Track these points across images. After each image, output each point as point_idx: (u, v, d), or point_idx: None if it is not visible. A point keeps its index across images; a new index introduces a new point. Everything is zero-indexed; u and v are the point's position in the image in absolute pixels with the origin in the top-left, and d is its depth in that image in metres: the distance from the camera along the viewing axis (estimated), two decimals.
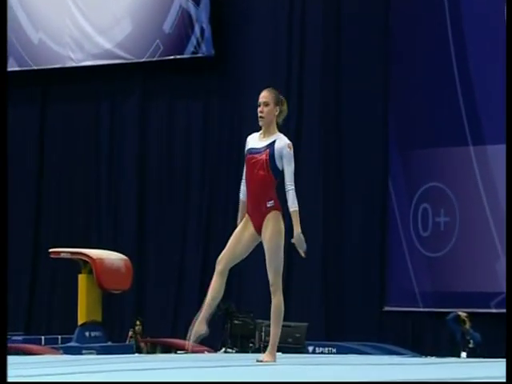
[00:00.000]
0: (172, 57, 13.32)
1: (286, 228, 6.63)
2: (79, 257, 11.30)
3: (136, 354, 10.87)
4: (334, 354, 11.11)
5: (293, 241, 6.62)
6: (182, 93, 13.49)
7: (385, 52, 12.28)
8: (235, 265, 14.34)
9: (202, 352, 10.31)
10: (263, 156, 6.48)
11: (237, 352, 10.95)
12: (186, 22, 13.22)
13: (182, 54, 13.24)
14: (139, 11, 13.56)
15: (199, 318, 6.52)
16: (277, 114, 6.64)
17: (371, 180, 12.33)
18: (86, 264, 11.19)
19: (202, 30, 13.11)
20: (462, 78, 11.74)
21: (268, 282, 6.87)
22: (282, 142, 6.57)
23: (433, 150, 11.99)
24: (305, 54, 12.78)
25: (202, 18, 13.12)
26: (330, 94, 12.63)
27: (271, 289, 6.69)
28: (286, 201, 6.69)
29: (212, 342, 11.45)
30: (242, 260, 14.16)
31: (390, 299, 12.12)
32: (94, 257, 11.16)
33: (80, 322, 11.04)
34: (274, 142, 6.55)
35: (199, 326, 6.50)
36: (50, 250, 11.69)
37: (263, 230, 6.57)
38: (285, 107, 6.73)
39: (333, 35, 12.62)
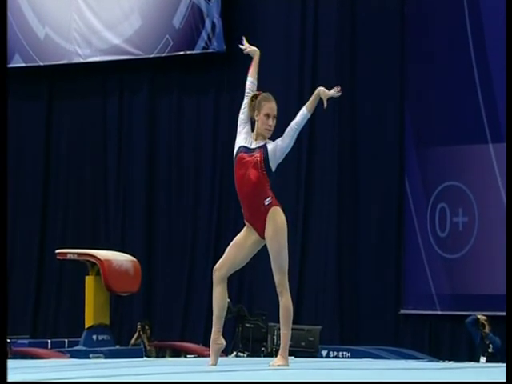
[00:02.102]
0: (182, 52, 13.33)
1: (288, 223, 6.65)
2: (86, 258, 11.32)
3: (145, 358, 10.89)
4: (348, 358, 11.10)
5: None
6: (191, 89, 13.51)
7: (401, 48, 12.27)
8: (247, 268, 14.34)
9: (208, 356, 10.32)
10: (257, 156, 6.56)
11: (248, 356, 10.97)
12: (196, 17, 13.23)
13: (193, 49, 13.25)
14: (148, 6, 13.58)
15: (214, 335, 6.51)
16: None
17: (387, 179, 12.32)
18: (93, 265, 11.21)
19: (213, 25, 13.12)
20: (481, 74, 11.72)
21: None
22: (271, 143, 6.78)
23: (450, 148, 11.97)
24: (318, 50, 12.78)
25: (213, 12, 13.13)
26: (344, 91, 12.57)
27: (278, 290, 6.71)
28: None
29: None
30: (254, 262, 14.14)
31: (407, 302, 12.11)
32: (102, 258, 11.18)
33: (87, 325, 11.06)
34: (265, 143, 6.69)
35: (217, 343, 6.50)
36: (57, 251, 11.72)
37: (266, 228, 6.54)
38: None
39: (347, 30, 12.61)
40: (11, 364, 7.73)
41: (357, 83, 12.54)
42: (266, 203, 6.55)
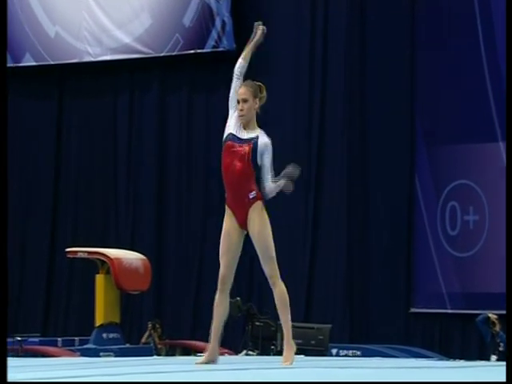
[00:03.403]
0: (192, 51, 13.33)
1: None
2: (97, 256, 11.33)
3: (155, 357, 10.90)
4: (358, 356, 11.09)
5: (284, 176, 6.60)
6: (201, 87, 13.51)
7: (411, 46, 12.24)
8: (256, 267, 14.31)
9: (223, 354, 10.33)
10: (246, 148, 6.56)
11: (258, 354, 10.96)
12: (206, 16, 13.22)
13: (203, 48, 13.24)
14: (159, 4, 13.58)
15: (211, 348, 6.50)
16: (257, 107, 6.73)
17: (397, 177, 12.29)
18: (103, 264, 11.23)
19: (223, 24, 13.11)
20: (492, 73, 11.69)
21: (289, 283, 6.87)
22: (265, 139, 6.69)
23: (461, 147, 11.95)
24: (328, 47, 12.76)
25: (222, 11, 13.12)
26: (354, 89, 12.61)
27: (270, 281, 6.74)
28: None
29: (233, 344, 11.47)
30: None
31: (417, 300, 12.08)
32: (112, 256, 11.19)
33: (97, 323, 11.08)
34: (257, 137, 6.64)
35: (212, 355, 6.49)
36: (67, 250, 11.74)
37: (249, 223, 6.64)
38: (263, 94, 6.80)
39: (357, 28, 12.59)
40: (22, 362, 7.75)
41: (367, 82, 12.52)
42: (251, 196, 6.61)
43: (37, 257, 14.08)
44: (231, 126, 6.73)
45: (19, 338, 11.20)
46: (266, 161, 6.63)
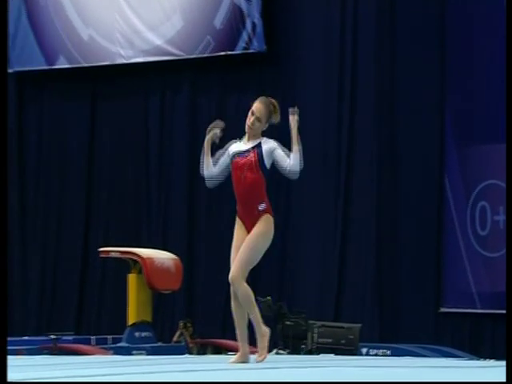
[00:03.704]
0: (223, 53, 13.36)
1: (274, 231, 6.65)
2: (129, 256, 11.39)
3: (186, 355, 10.94)
4: (388, 356, 11.06)
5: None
6: (232, 88, 13.53)
7: (442, 44, 12.19)
8: (287, 266, 14.30)
9: (254, 353, 10.34)
10: (251, 157, 6.57)
11: (289, 353, 10.97)
12: (237, 18, 13.25)
13: (233, 49, 13.27)
14: (190, 7, 13.62)
15: (242, 350, 6.53)
16: (264, 129, 6.88)
17: (427, 177, 12.25)
18: (135, 264, 11.29)
19: (254, 26, 13.13)
20: None
21: (320, 283, 6.86)
22: (270, 143, 6.80)
23: (491, 146, 11.88)
24: (358, 48, 12.74)
25: (253, 13, 13.14)
26: (384, 89, 12.58)
27: (230, 279, 6.64)
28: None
29: None
30: (295, 260, 14.14)
31: (447, 300, 12.04)
32: (144, 256, 11.25)
33: (130, 322, 11.14)
34: (259, 143, 6.73)
35: (244, 356, 6.52)
36: (100, 250, 11.81)
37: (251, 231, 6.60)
38: (273, 119, 6.88)
39: (387, 28, 12.56)
40: (56, 360, 7.81)
41: (396, 82, 12.48)
42: (260, 208, 6.61)
43: (70, 257, 14.17)
44: (232, 149, 6.68)
45: (53, 337, 11.28)
46: (279, 152, 6.59)
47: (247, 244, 6.64)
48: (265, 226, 6.61)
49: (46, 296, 14.32)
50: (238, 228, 6.66)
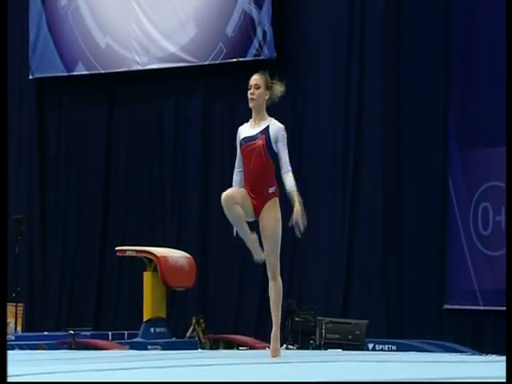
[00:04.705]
0: (235, 59, 13.36)
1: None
2: (144, 255, 11.41)
3: (199, 350, 10.94)
4: (394, 351, 11.04)
5: (293, 218, 6.49)
6: (243, 94, 13.49)
7: (446, 47, 12.15)
8: (296, 264, 14.23)
9: (264, 348, 10.34)
10: (259, 142, 6.47)
11: (298, 349, 10.96)
12: (248, 26, 13.25)
13: (245, 56, 13.27)
14: (203, 15, 13.63)
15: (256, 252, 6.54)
16: (267, 97, 6.65)
17: (431, 178, 12.23)
18: (150, 262, 11.30)
19: (264, 33, 13.13)
20: None
21: (327, 280, 6.83)
22: (276, 125, 6.56)
23: (494, 149, 11.84)
24: (365, 56, 12.73)
25: (264, 21, 13.14)
26: (390, 93, 12.56)
27: (270, 274, 6.63)
28: (284, 202, 6.68)
29: None
30: (303, 258, 14.08)
31: (451, 297, 12.01)
32: (159, 255, 11.26)
33: (145, 318, 11.15)
34: (267, 126, 6.52)
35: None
36: (116, 249, 11.82)
37: (263, 217, 6.57)
38: (274, 91, 6.66)
39: (393, 35, 12.54)
40: (75, 355, 7.82)
41: (402, 85, 12.46)
42: (271, 191, 6.54)
43: (89, 255, 14.20)
44: (241, 133, 6.56)
45: (72, 332, 11.29)
46: (281, 149, 6.42)
47: (272, 240, 6.64)
48: (274, 213, 6.57)
49: (65, 293, 14.34)
50: (244, 191, 6.53)
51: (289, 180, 6.47)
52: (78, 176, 14.47)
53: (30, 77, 14.61)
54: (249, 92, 6.49)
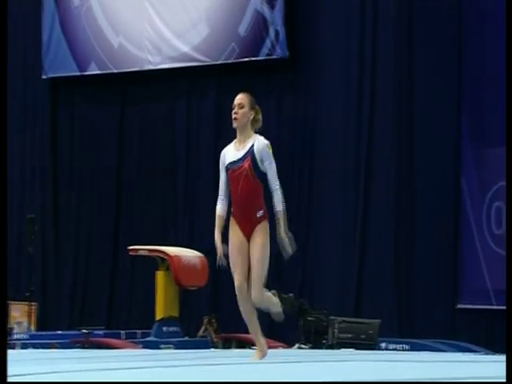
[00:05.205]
0: (247, 59, 13.33)
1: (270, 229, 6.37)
2: (157, 254, 11.39)
3: (211, 349, 10.91)
4: (407, 350, 10.99)
5: (278, 239, 6.35)
6: (255, 93, 13.46)
7: (458, 48, 12.09)
8: (309, 264, 14.20)
9: (277, 348, 10.31)
10: (245, 165, 6.23)
11: (310, 348, 10.93)
12: (260, 25, 13.22)
13: (257, 56, 13.25)
14: (215, 15, 13.61)
15: (261, 345, 6.42)
16: (251, 118, 6.39)
17: (444, 178, 12.17)
18: (163, 261, 11.28)
19: (277, 33, 13.10)
20: None
21: (340, 280, 6.75)
22: (260, 142, 6.34)
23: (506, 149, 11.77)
24: (377, 55, 12.68)
25: (276, 21, 13.11)
26: (402, 92, 12.51)
27: (253, 293, 6.45)
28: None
29: (286, 338, 11.45)
30: (316, 259, 14.05)
31: (464, 297, 11.94)
32: (172, 254, 11.24)
33: (158, 317, 11.13)
34: (252, 146, 6.32)
35: (265, 350, 6.42)
36: (129, 248, 11.81)
37: (252, 241, 6.39)
38: (259, 116, 6.41)
39: (405, 34, 12.49)
40: (87, 354, 7.80)
41: (414, 84, 12.41)
42: (259, 215, 6.34)
43: (101, 255, 14.20)
44: (226, 157, 6.35)
45: (85, 331, 11.29)
46: (268, 168, 6.23)
47: (256, 259, 6.44)
48: (264, 235, 6.37)
49: (78, 292, 14.35)
50: (233, 230, 6.43)
51: (276, 199, 6.31)
52: (90, 175, 14.48)
53: (44, 76, 14.62)
54: (233, 112, 6.30)
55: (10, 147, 14.91)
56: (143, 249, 11.58)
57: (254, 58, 13.24)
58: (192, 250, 11.68)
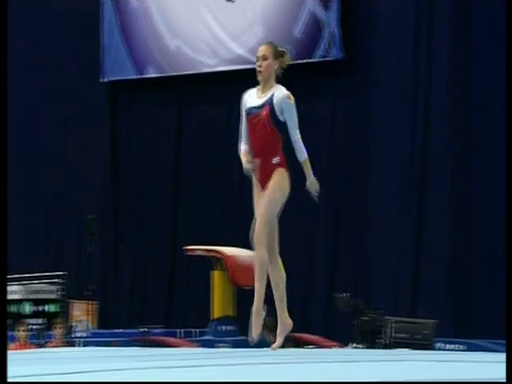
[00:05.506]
0: (302, 61, 13.34)
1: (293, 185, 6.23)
2: (213, 254, 11.46)
3: (267, 348, 10.93)
4: (463, 351, 10.90)
5: (307, 187, 6.27)
6: (310, 95, 13.50)
7: None
8: (364, 264, 14.14)
9: (331, 347, 10.32)
10: (263, 113, 6.09)
11: (366, 347, 10.90)
12: (315, 27, 13.23)
13: (312, 57, 13.25)
14: (271, 17, 13.64)
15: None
16: (276, 68, 6.25)
17: (498, 177, 12.05)
18: (219, 261, 11.34)
19: (331, 34, 13.09)
20: None
21: (395, 279, 6.74)
22: (281, 93, 6.17)
23: None
24: (433, 56, 12.60)
25: (331, 22, 13.10)
26: (457, 96, 12.42)
27: (253, 241, 6.26)
28: (294, 156, 6.37)
29: (341, 338, 11.44)
30: (371, 258, 13.97)
31: None
32: (228, 254, 11.31)
33: (214, 316, 11.21)
34: (272, 95, 6.18)
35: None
36: (186, 248, 11.91)
37: (267, 186, 6.16)
38: (286, 58, 6.25)
39: (461, 34, 12.39)
40: (146, 352, 7.88)
41: (469, 87, 12.31)
42: (274, 162, 6.15)
43: (159, 255, 14.33)
44: (246, 102, 6.25)
45: (144, 329, 11.42)
46: (288, 118, 6.04)
47: (265, 199, 6.26)
48: (279, 179, 6.18)
49: (136, 291, 14.50)
50: (255, 188, 6.39)
51: (298, 149, 6.12)
52: (148, 177, 14.62)
53: (103, 80, 14.80)
54: (256, 64, 6.22)
55: (69, 149, 15.14)
56: (200, 249, 11.67)
57: (309, 60, 13.25)
58: (247, 250, 11.70)
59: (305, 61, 13.28)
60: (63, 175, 15.00)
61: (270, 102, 6.15)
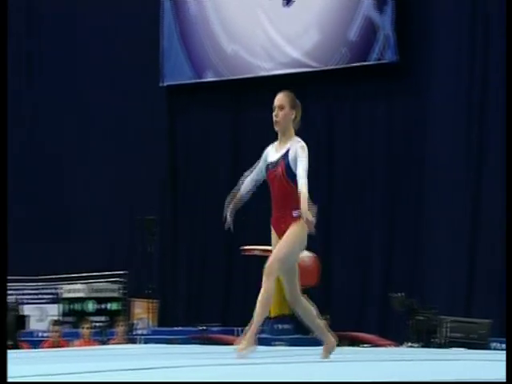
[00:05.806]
0: (357, 64, 13.34)
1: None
2: (270, 254, 11.51)
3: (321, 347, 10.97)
4: None
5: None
6: (365, 98, 13.50)
7: None
8: (419, 264, 14.07)
9: (386, 346, 10.32)
10: (279, 169, 6.07)
11: (421, 347, 10.89)
12: (370, 30, 13.22)
13: (367, 60, 13.24)
14: (326, 20, 13.67)
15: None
16: (293, 117, 6.19)
17: None
18: None
19: (386, 37, 13.07)
20: None
21: (450, 279, 6.73)
22: (295, 145, 6.09)
23: None
24: (489, 59, 12.50)
25: (386, 25, 13.09)
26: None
27: (264, 272, 6.22)
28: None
29: (396, 337, 11.44)
30: (426, 258, 13.88)
31: None
32: None
33: (271, 315, 11.28)
34: (287, 151, 6.12)
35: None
36: (243, 248, 12.00)
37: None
38: (299, 115, 6.15)
39: None
40: (204, 349, 8.00)
41: None
42: (295, 215, 6.12)
43: (216, 254, 14.45)
44: (268, 156, 6.25)
45: (202, 327, 11.54)
46: (298, 162, 5.94)
47: (282, 242, 6.22)
48: (298, 229, 6.13)
49: (195, 290, 14.65)
50: (273, 238, 6.39)
51: (300, 184, 6.01)
52: (206, 179, 14.76)
53: (162, 84, 14.96)
54: (273, 114, 6.20)
55: (129, 152, 15.35)
56: (256, 249, 11.74)
57: (364, 63, 13.24)
58: (304, 250, 11.76)
59: (359, 64, 13.29)
60: (125, 177, 15.22)
61: (284, 158, 6.14)
